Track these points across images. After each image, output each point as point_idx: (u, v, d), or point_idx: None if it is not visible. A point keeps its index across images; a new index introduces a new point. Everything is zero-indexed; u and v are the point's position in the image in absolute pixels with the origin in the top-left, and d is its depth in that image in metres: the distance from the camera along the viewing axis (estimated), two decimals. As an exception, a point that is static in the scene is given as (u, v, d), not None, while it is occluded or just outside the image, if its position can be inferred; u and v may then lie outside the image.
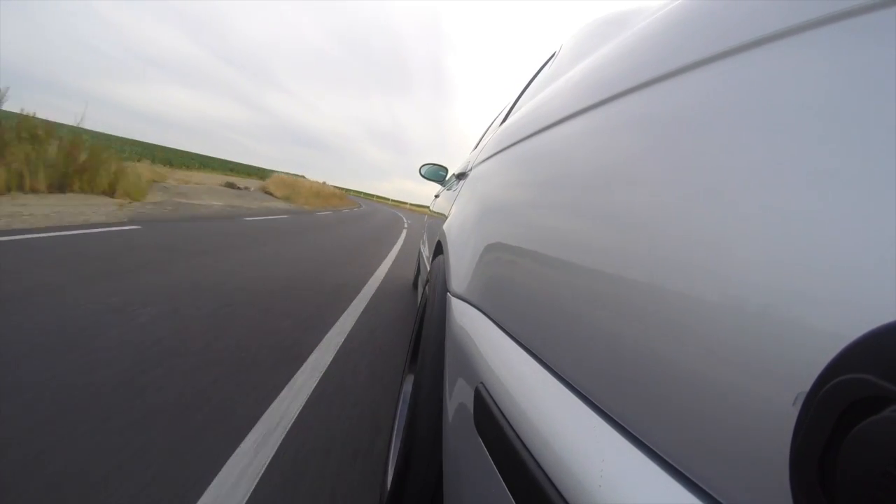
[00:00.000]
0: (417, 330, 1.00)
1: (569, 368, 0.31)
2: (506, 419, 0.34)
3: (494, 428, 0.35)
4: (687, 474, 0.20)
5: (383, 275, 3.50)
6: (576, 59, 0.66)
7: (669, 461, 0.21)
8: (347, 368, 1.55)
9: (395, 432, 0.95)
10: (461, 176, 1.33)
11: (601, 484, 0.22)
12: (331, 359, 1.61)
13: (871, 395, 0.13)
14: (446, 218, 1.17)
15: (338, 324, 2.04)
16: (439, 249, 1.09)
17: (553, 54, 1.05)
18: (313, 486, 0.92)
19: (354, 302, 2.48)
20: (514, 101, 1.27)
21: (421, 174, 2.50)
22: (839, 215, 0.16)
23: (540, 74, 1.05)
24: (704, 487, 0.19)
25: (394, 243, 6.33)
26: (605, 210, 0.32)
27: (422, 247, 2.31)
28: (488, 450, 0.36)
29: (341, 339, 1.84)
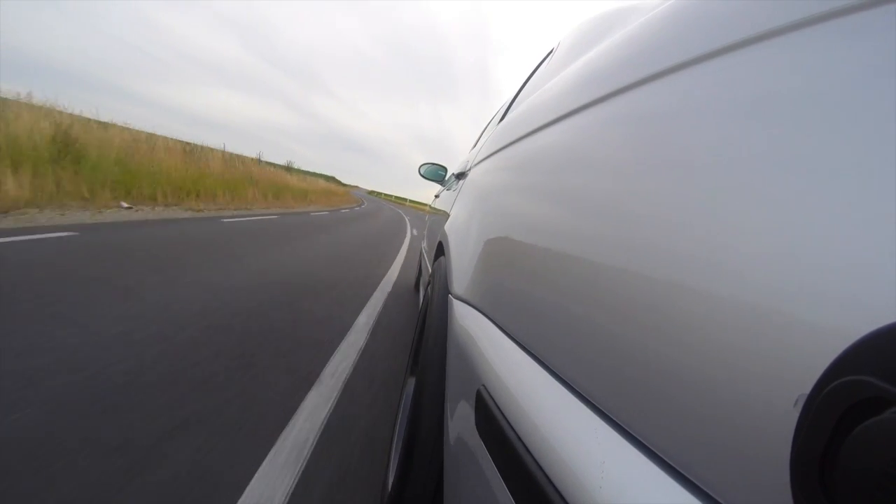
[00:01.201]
0: (419, 331, 1.00)
1: (570, 370, 0.31)
2: (507, 421, 0.34)
3: (496, 430, 0.35)
4: (688, 476, 0.20)
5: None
6: (573, 57, 0.66)
7: (671, 463, 0.21)
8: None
9: (396, 433, 0.95)
10: (461, 175, 1.33)
11: (602, 486, 0.22)
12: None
13: (871, 397, 0.13)
14: (447, 218, 1.17)
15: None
16: (440, 251, 1.08)
17: (550, 51, 1.05)
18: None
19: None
20: (511, 98, 1.27)
21: (420, 174, 2.49)
22: (839, 216, 0.16)
23: (537, 72, 1.05)
24: (705, 489, 0.19)
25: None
26: (604, 210, 0.32)
27: (423, 248, 2.31)
28: (490, 452, 0.36)
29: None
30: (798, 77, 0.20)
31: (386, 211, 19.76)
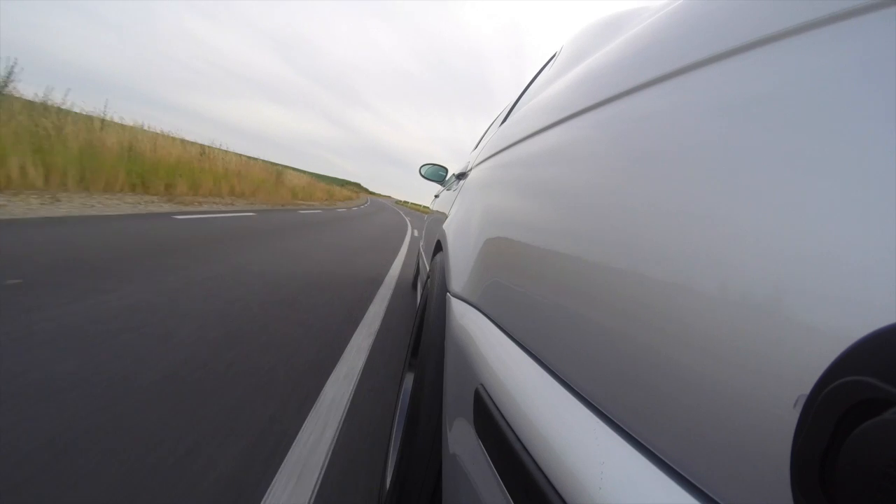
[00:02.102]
0: (417, 329, 1.00)
1: (569, 370, 0.31)
2: (505, 421, 0.34)
3: (494, 429, 0.35)
4: (688, 477, 0.20)
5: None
6: (576, 60, 0.66)
7: (670, 463, 0.21)
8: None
9: (394, 431, 0.94)
10: (461, 176, 1.33)
11: (601, 486, 0.22)
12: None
13: (871, 398, 0.13)
14: (446, 218, 1.17)
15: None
16: (439, 249, 1.09)
17: (554, 55, 1.05)
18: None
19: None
20: (514, 101, 1.27)
21: (421, 174, 2.49)
22: (840, 216, 0.16)
23: (540, 75, 1.05)
24: (705, 490, 0.19)
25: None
26: (604, 211, 0.32)
27: (421, 247, 2.31)
28: (487, 451, 0.36)
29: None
30: (799, 81, 0.20)
31: (388, 212, 19.29)
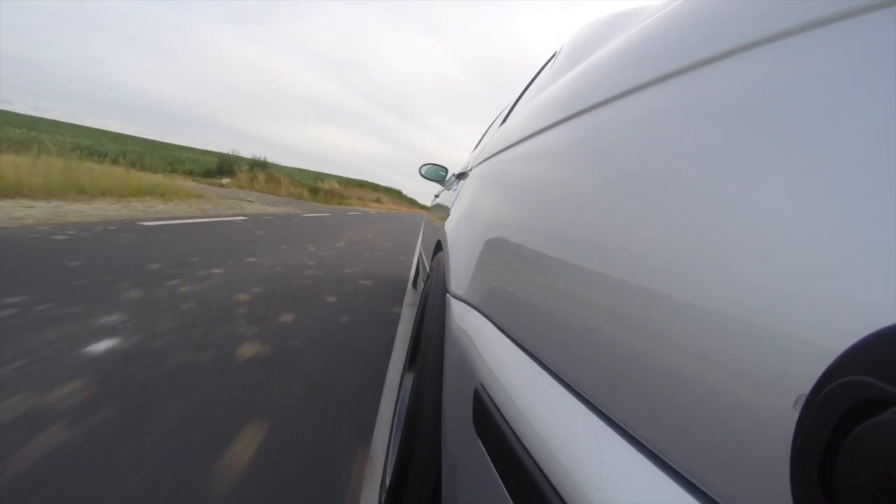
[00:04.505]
0: (417, 329, 1.00)
1: (569, 370, 0.31)
2: (505, 421, 0.34)
3: (494, 429, 0.35)
4: (687, 476, 0.20)
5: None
6: (576, 60, 0.66)
7: (669, 463, 0.21)
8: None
9: (393, 431, 0.94)
10: (461, 176, 1.33)
11: (600, 486, 0.22)
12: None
13: (871, 398, 0.13)
14: (446, 218, 1.17)
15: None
16: (438, 249, 1.09)
17: (553, 55, 1.05)
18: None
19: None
20: (514, 101, 1.27)
21: (421, 174, 2.49)
22: (839, 216, 0.16)
23: (540, 75, 1.05)
24: (705, 490, 0.19)
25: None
26: (604, 211, 0.32)
27: (421, 247, 2.31)
28: (487, 451, 0.36)
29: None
30: (799, 81, 0.20)
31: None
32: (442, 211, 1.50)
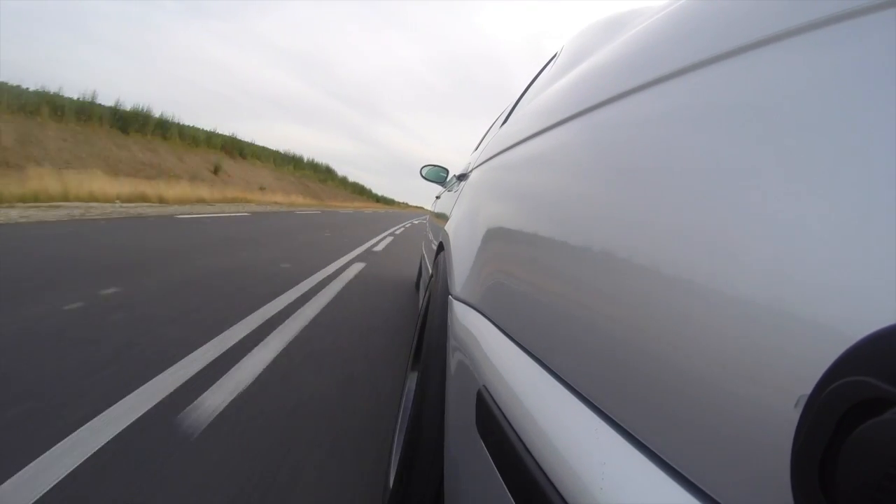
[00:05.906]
0: (420, 331, 1.00)
1: (571, 372, 0.31)
2: (508, 422, 0.34)
3: (496, 431, 0.35)
4: (689, 477, 0.20)
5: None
6: (577, 61, 0.66)
7: (671, 464, 0.21)
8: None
9: (397, 433, 0.95)
10: (462, 177, 1.33)
11: (603, 487, 0.22)
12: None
13: (872, 398, 0.13)
14: (448, 220, 1.17)
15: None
16: (441, 251, 1.09)
17: (554, 56, 1.05)
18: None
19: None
20: (514, 102, 1.27)
21: (421, 175, 2.49)
22: (840, 216, 0.16)
23: (541, 77, 1.05)
24: (706, 490, 0.19)
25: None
26: (606, 213, 0.32)
27: (424, 249, 2.31)
28: (490, 452, 0.36)
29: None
30: (799, 81, 0.20)
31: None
32: (443, 213, 1.50)
